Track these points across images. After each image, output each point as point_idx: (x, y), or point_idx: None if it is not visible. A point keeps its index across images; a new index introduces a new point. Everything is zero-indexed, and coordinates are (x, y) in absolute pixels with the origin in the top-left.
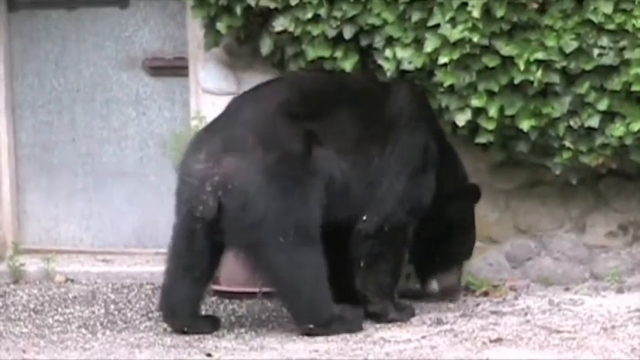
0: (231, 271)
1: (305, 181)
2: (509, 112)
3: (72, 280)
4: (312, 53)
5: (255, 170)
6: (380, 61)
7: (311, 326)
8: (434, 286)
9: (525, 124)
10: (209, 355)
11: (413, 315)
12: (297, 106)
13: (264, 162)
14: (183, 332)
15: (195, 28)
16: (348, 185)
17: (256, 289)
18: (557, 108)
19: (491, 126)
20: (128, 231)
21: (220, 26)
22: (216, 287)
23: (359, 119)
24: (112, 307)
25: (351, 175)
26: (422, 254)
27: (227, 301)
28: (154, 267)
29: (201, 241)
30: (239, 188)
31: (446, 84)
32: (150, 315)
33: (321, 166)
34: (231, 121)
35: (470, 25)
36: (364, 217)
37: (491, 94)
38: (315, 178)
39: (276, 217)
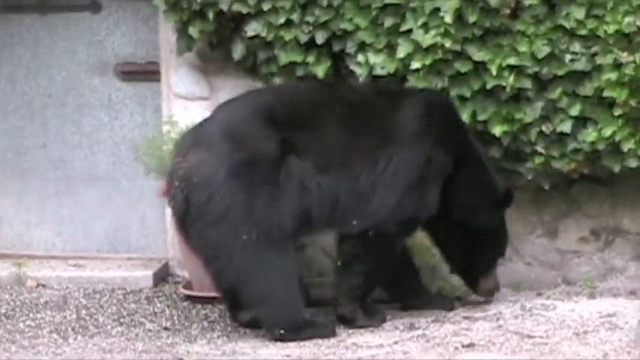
0: (203, 276)
1: (273, 184)
2: (481, 117)
3: (43, 285)
4: (284, 58)
5: (219, 164)
6: (352, 67)
7: (282, 331)
8: (482, 288)
9: (497, 130)
10: None
11: (384, 321)
12: (279, 113)
13: (231, 158)
14: None
15: (167, 33)
16: (335, 199)
17: None
18: (530, 113)
19: None
20: (100, 236)
21: (192, 31)
22: (188, 292)
23: (348, 134)
24: (84, 312)
25: (338, 190)
26: (461, 262)
27: (199, 306)
28: (125, 272)
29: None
30: (202, 181)
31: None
32: (121, 320)
33: (294, 175)
34: (207, 120)
35: (442, 30)
36: (354, 222)
37: (463, 99)
38: (286, 184)
39: (239, 214)
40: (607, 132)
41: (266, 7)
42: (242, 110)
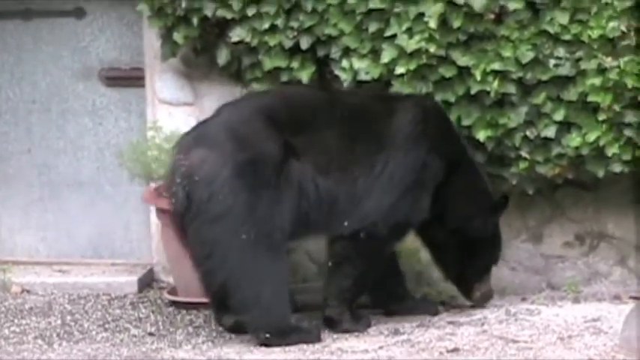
0: (188, 281)
1: (275, 186)
2: (465, 122)
3: (28, 291)
4: (268, 64)
5: (222, 163)
6: (337, 72)
7: (267, 335)
8: (476, 295)
9: (482, 135)
10: None
11: (369, 326)
12: (280, 116)
13: (234, 157)
14: None
15: (151, 39)
16: (334, 203)
17: None
18: (514, 118)
19: None
20: (84, 241)
21: (177, 37)
22: (173, 298)
23: (347, 138)
24: (69, 317)
25: (336, 193)
26: (455, 269)
27: (184, 311)
28: (110, 277)
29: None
30: (205, 179)
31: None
32: (106, 326)
33: (294, 178)
34: (208, 121)
35: (427, 35)
36: (345, 223)
37: (448, 104)
38: (286, 186)
39: (240, 213)
40: (591, 137)
41: (250, 12)
42: (245, 111)
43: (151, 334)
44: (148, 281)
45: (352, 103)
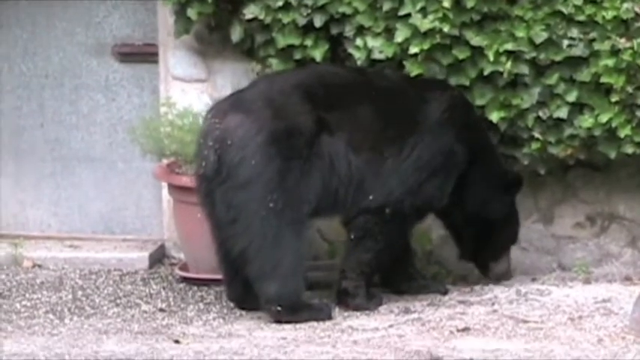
0: (199, 258)
1: (307, 159)
2: (479, 102)
3: (39, 266)
4: (282, 41)
5: (257, 129)
6: (350, 50)
7: (279, 308)
8: (493, 273)
9: (495, 116)
10: (177, 341)
11: (380, 304)
12: (316, 91)
13: (270, 125)
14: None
15: (165, 15)
16: (362, 181)
17: None
18: (527, 99)
19: None
20: (96, 217)
21: (191, 13)
22: (184, 274)
23: (380, 119)
24: (80, 292)
25: (365, 172)
26: (473, 248)
27: (195, 288)
28: (121, 253)
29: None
30: (238, 143)
31: (413, 74)
32: (117, 301)
33: (326, 153)
34: (244, 90)
35: (440, 15)
36: (371, 197)
37: (462, 87)
38: (317, 161)
39: (270, 181)
40: (603, 118)
41: None
42: (282, 84)
43: (161, 310)
44: (159, 257)
45: (384, 86)
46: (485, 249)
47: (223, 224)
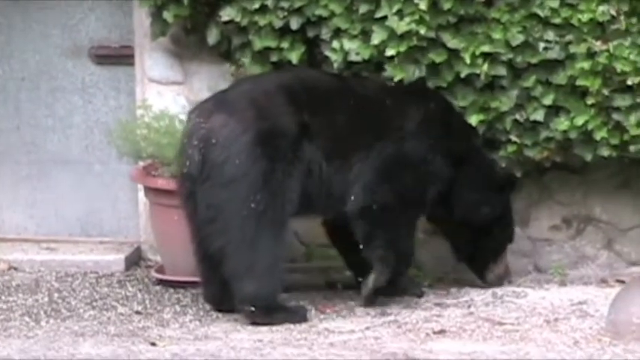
0: (175, 260)
1: (290, 161)
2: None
3: (15, 268)
4: (258, 44)
5: (243, 129)
6: (327, 53)
7: (252, 309)
8: (490, 276)
9: (474, 119)
10: (153, 344)
11: (421, 294)
12: (299, 95)
13: (255, 125)
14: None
15: (141, 17)
16: (330, 187)
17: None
18: (505, 102)
19: None
20: (72, 219)
21: (167, 15)
22: (160, 276)
23: (354, 128)
24: (56, 295)
25: (333, 179)
26: (469, 251)
27: (171, 290)
28: (97, 255)
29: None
30: (223, 143)
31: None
32: (94, 304)
33: (306, 157)
34: (228, 90)
35: (417, 17)
36: (352, 197)
37: (440, 89)
38: (299, 164)
39: (254, 181)
40: (579, 121)
41: None
42: (266, 84)
43: (138, 312)
44: (135, 259)
45: (363, 93)
46: (482, 251)
47: (202, 223)
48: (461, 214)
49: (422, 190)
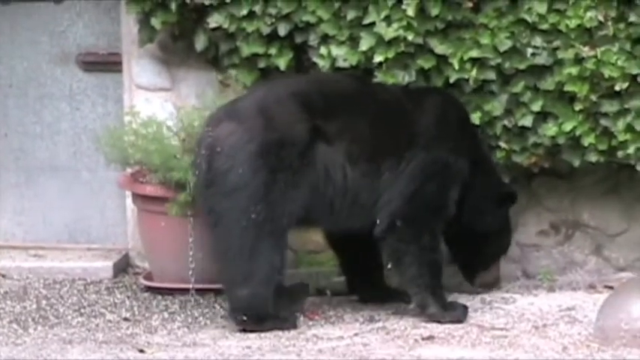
0: (163, 267)
1: (296, 171)
2: None
3: (3, 275)
4: (246, 50)
5: (249, 138)
6: (315, 59)
7: (244, 318)
8: (479, 282)
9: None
10: (142, 351)
11: (460, 317)
12: (314, 99)
13: (262, 135)
14: None
15: (129, 24)
16: (357, 193)
17: (189, 286)
18: (497, 106)
19: None
20: (60, 226)
21: (155, 22)
22: (148, 283)
23: (377, 131)
24: (44, 302)
25: (360, 183)
26: (463, 257)
27: (160, 297)
28: (85, 262)
29: None
30: (228, 151)
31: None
32: (82, 311)
33: (321, 163)
34: (242, 98)
35: (405, 23)
36: (377, 221)
37: None
38: (309, 172)
39: (256, 192)
40: (567, 126)
41: None
42: (280, 92)
43: (126, 319)
44: (123, 266)
45: (383, 96)
46: (476, 259)
47: (208, 226)
48: (469, 220)
49: (447, 196)
